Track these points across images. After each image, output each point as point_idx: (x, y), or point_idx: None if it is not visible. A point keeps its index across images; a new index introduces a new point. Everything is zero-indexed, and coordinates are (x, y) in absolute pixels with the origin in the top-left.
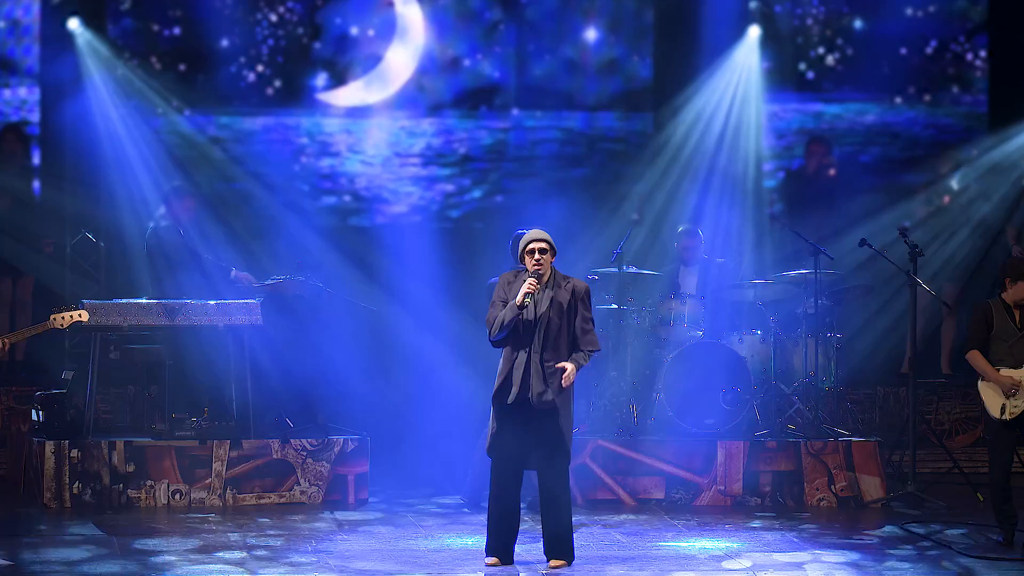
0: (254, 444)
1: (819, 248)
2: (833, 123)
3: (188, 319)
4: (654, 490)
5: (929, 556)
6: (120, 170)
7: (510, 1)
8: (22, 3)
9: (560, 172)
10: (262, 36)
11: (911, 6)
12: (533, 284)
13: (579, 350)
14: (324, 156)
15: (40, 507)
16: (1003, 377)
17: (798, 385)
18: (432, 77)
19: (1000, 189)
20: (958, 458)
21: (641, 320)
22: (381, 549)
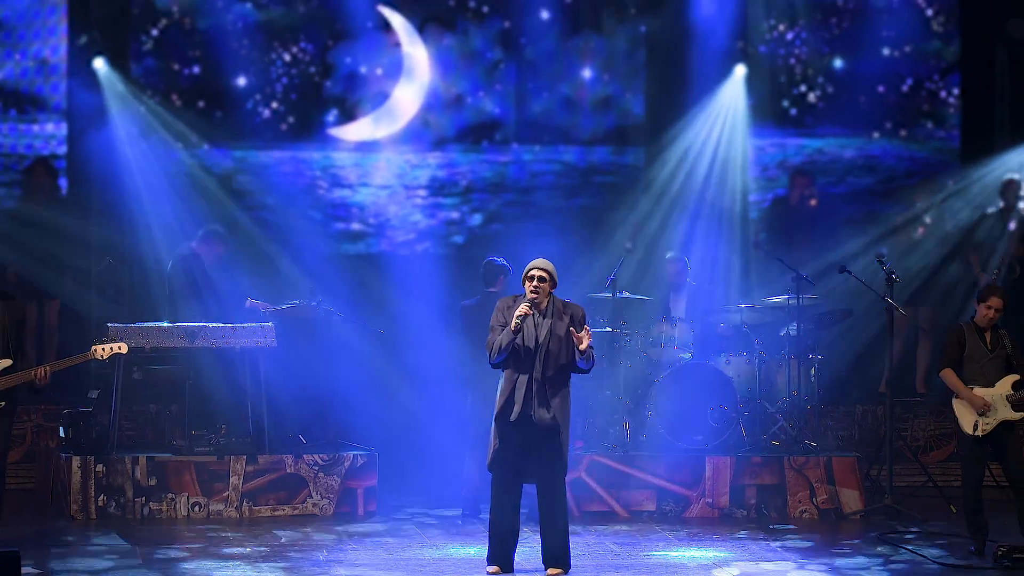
0: (269, 459)
1: (801, 275)
2: (814, 157)
3: (207, 341)
4: (646, 502)
5: (905, 565)
6: (143, 200)
7: (510, 42)
8: (50, 44)
9: (557, 203)
10: (276, 75)
11: (888, 46)
12: (526, 308)
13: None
14: (335, 188)
15: (67, 519)
16: (975, 395)
17: (781, 403)
18: (437, 113)
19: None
20: (932, 472)
21: (634, 342)
22: (388, 558)
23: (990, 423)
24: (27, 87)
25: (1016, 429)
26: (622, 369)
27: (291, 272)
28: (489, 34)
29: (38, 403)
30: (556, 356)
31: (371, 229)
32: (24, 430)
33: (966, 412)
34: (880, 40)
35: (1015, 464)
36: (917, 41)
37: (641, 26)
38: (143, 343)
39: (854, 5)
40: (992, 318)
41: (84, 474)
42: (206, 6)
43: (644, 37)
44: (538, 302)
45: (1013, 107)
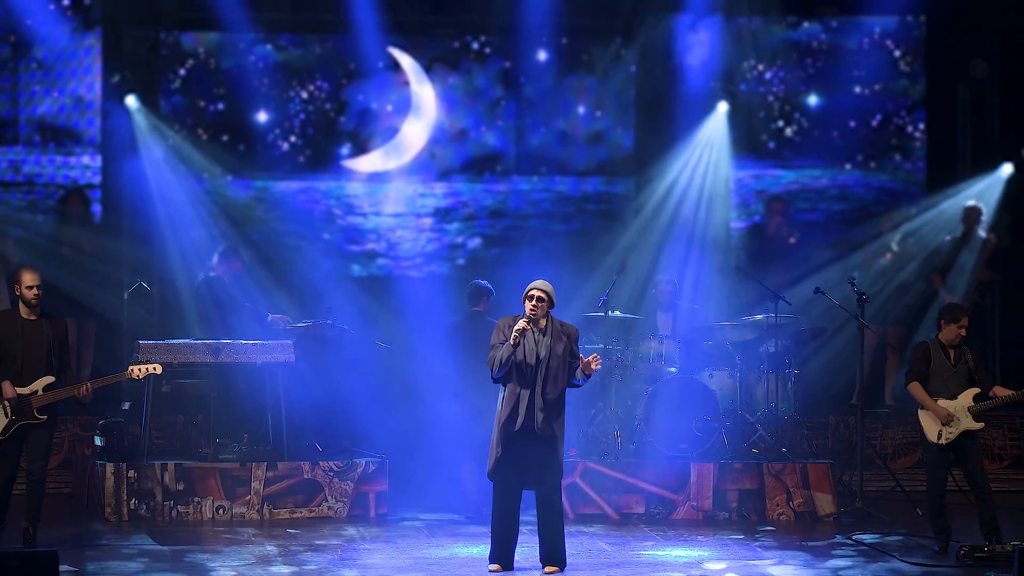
0: (288, 466)
1: (779, 295)
2: (791, 186)
3: (231, 357)
4: (635, 506)
5: (874, 563)
6: (171, 226)
7: (510, 81)
8: (86, 82)
9: (552, 228)
10: (294, 111)
11: (859, 84)
12: (524, 324)
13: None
14: (348, 215)
15: (102, 521)
16: (940, 407)
17: (761, 414)
18: (442, 147)
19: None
20: (900, 478)
21: (624, 358)
22: (398, 557)
23: (953, 432)
24: (64, 122)
25: (977, 438)
26: (613, 382)
27: (308, 292)
28: (491, 74)
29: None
30: (555, 372)
31: (381, 252)
32: (62, 439)
33: (931, 422)
34: (852, 79)
35: (976, 470)
36: (886, 80)
37: (631, 66)
38: (171, 358)
39: (827, 46)
40: (963, 336)
41: (117, 479)
42: (229, 47)
43: (633, 77)
44: (536, 319)
45: (974, 141)
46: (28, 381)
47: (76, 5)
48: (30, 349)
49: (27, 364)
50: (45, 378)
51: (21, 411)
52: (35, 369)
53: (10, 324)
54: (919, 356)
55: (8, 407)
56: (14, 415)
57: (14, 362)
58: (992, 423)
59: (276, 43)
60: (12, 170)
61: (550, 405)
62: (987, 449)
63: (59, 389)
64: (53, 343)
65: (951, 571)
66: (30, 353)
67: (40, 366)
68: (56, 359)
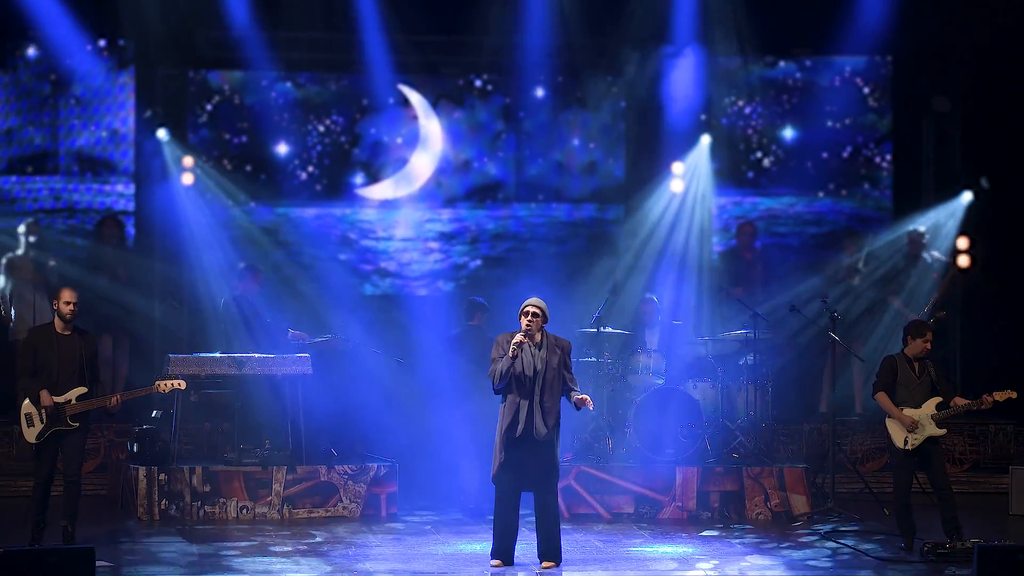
0: (306, 469)
1: (757, 313)
2: (768, 213)
3: (253, 369)
4: (625, 506)
5: (844, 558)
6: (198, 249)
7: (510, 116)
8: (120, 116)
9: (549, 251)
10: (312, 143)
11: (831, 119)
12: (521, 337)
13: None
14: (362, 238)
15: (135, 520)
16: (905, 415)
17: (741, 422)
18: (448, 176)
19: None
20: (869, 480)
21: (615, 370)
22: (407, 553)
23: (918, 438)
24: (100, 153)
25: (939, 444)
26: (605, 393)
27: (324, 309)
28: (493, 109)
29: (110, 423)
30: (551, 383)
31: (392, 273)
32: (98, 445)
33: (897, 429)
34: (824, 114)
35: (938, 473)
36: (855, 115)
37: (621, 102)
38: (199, 371)
39: (802, 84)
40: (928, 350)
41: (149, 482)
42: (252, 85)
43: (623, 112)
44: (531, 333)
45: (937, 170)
46: (63, 391)
47: (111, 46)
48: (64, 361)
49: (62, 375)
50: (78, 388)
51: (56, 418)
52: (69, 380)
53: (46, 337)
54: (886, 369)
55: (44, 414)
56: (49, 421)
57: (50, 373)
58: (953, 430)
59: (295, 81)
60: (53, 197)
61: (547, 413)
62: (949, 454)
63: (91, 399)
64: (85, 356)
65: (916, 566)
66: (64, 365)
67: (74, 377)
68: (88, 371)
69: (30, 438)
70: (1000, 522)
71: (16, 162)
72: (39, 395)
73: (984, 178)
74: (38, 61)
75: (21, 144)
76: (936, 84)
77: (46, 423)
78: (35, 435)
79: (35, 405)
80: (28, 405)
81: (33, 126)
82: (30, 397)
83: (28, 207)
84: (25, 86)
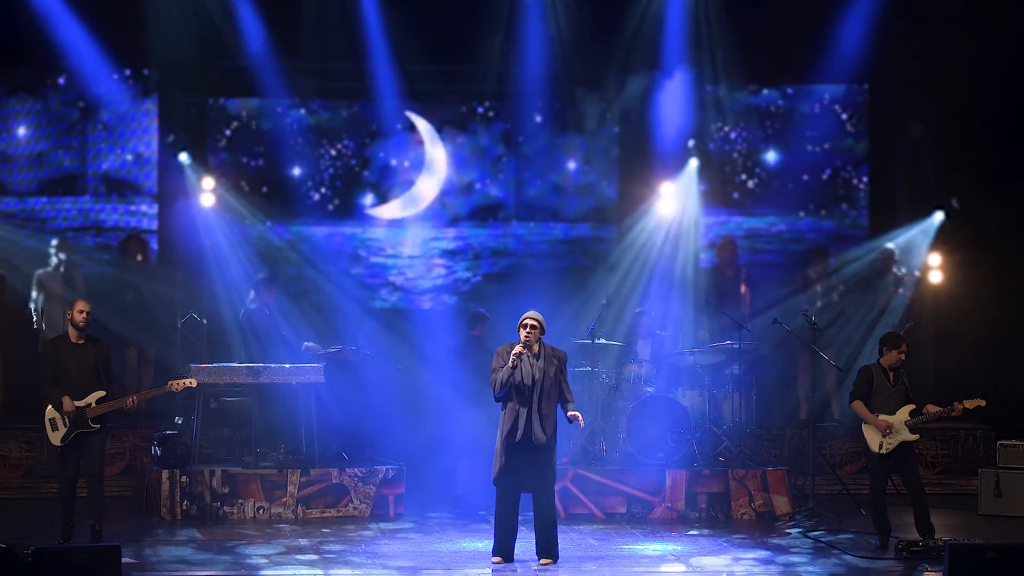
0: (319, 472)
1: (742, 325)
2: (752, 232)
3: (269, 378)
4: (618, 506)
5: (824, 555)
6: (218, 265)
7: (511, 140)
8: (144, 141)
9: (547, 267)
10: (324, 166)
11: (811, 143)
12: (520, 348)
13: (566, 400)
14: (371, 255)
15: (158, 519)
16: (880, 421)
17: (726, 428)
18: (452, 197)
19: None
20: (847, 483)
21: (609, 379)
22: (413, 551)
23: (892, 443)
24: (126, 175)
25: (913, 448)
26: (599, 400)
27: (336, 322)
28: (494, 134)
29: (134, 427)
30: (549, 391)
31: (400, 287)
32: (123, 449)
33: (873, 434)
34: (805, 138)
35: (912, 476)
36: (834, 139)
37: (614, 128)
38: (218, 380)
39: (784, 110)
40: (902, 360)
41: (171, 483)
42: (268, 111)
43: (616, 137)
44: (530, 344)
45: (910, 191)
46: (82, 395)
47: (136, 75)
48: (81, 368)
49: (80, 381)
50: (97, 392)
51: (78, 421)
52: (87, 385)
53: (62, 348)
54: (862, 378)
55: (67, 418)
56: (72, 425)
57: (69, 380)
58: (926, 435)
59: (308, 108)
60: (81, 217)
61: (545, 419)
62: (921, 457)
63: (109, 401)
64: (100, 361)
65: (890, 563)
66: (81, 371)
67: (91, 382)
68: (104, 375)
69: (55, 441)
70: (970, 521)
71: (47, 184)
72: (61, 401)
73: (955, 199)
74: (68, 89)
75: (52, 167)
76: (910, 111)
77: (69, 427)
78: (59, 438)
79: (58, 411)
80: (51, 411)
81: (63, 150)
82: (52, 404)
83: (58, 226)
84: (55, 112)
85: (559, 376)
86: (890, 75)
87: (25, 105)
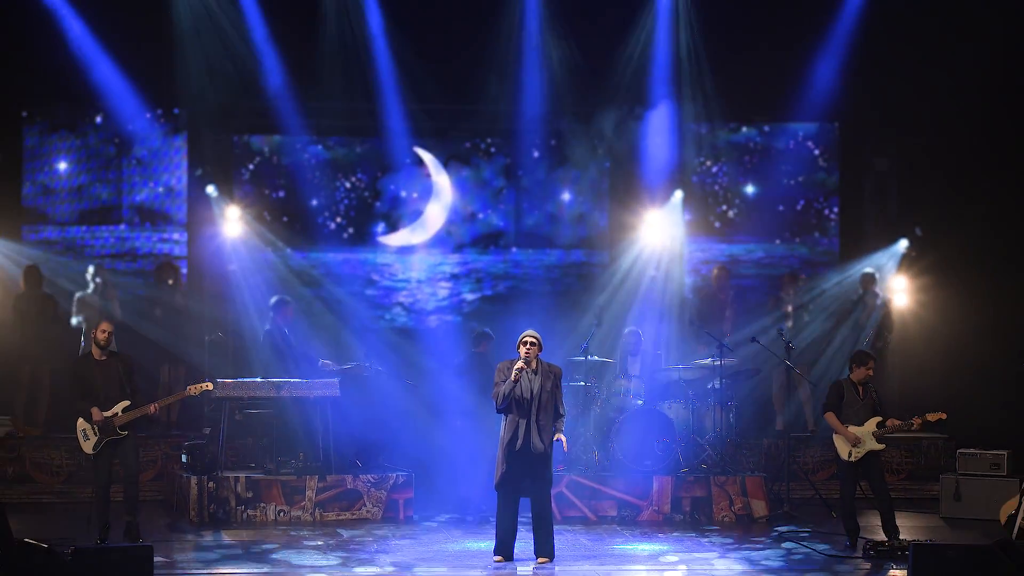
0: (335, 478)
1: (722, 343)
2: (732, 258)
3: (289, 392)
4: (610, 510)
5: (798, 554)
6: (242, 289)
7: (511, 173)
8: (175, 175)
9: (544, 290)
10: (340, 197)
11: (786, 177)
12: (521, 365)
13: (558, 414)
14: (383, 279)
15: (187, 522)
16: (849, 432)
17: (709, 437)
18: (457, 225)
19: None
20: (819, 488)
21: (600, 393)
22: (422, 550)
23: (860, 452)
24: (159, 206)
25: (879, 456)
26: (592, 412)
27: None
28: (495, 168)
29: (165, 437)
30: (546, 404)
31: (409, 308)
32: (156, 457)
33: (843, 444)
34: (781, 172)
35: (878, 482)
36: (807, 173)
37: (605, 162)
38: (242, 393)
39: (761, 147)
40: (870, 376)
41: (199, 489)
42: (288, 147)
43: (607, 171)
44: (529, 360)
45: (877, 221)
46: (109, 406)
47: (167, 114)
48: (106, 382)
49: (106, 394)
50: (122, 402)
51: (106, 429)
52: (113, 397)
53: (88, 365)
54: (834, 392)
55: (97, 428)
56: (102, 433)
57: (96, 394)
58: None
59: (325, 144)
60: (117, 244)
61: (543, 430)
62: (887, 465)
63: (134, 410)
64: (123, 374)
65: (859, 562)
66: (107, 385)
67: (116, 394)
68: (128, 386)
69: (87, 450)
70: (932, 523)
71: (86, 214)
72: (90, 412)
73: (917, 227)
74: (105, 127)
75: (90, 199)
76: (876, 147)
77: (99, 435)
78: (91, 447)
79: (88, 421)
80: (82, 423)
81: (100, 183)
82: (83, 416)
83: (96, 253)
84: (93, 149)
85: (555, 390)
86: (858, 114)
87: (66, 142)
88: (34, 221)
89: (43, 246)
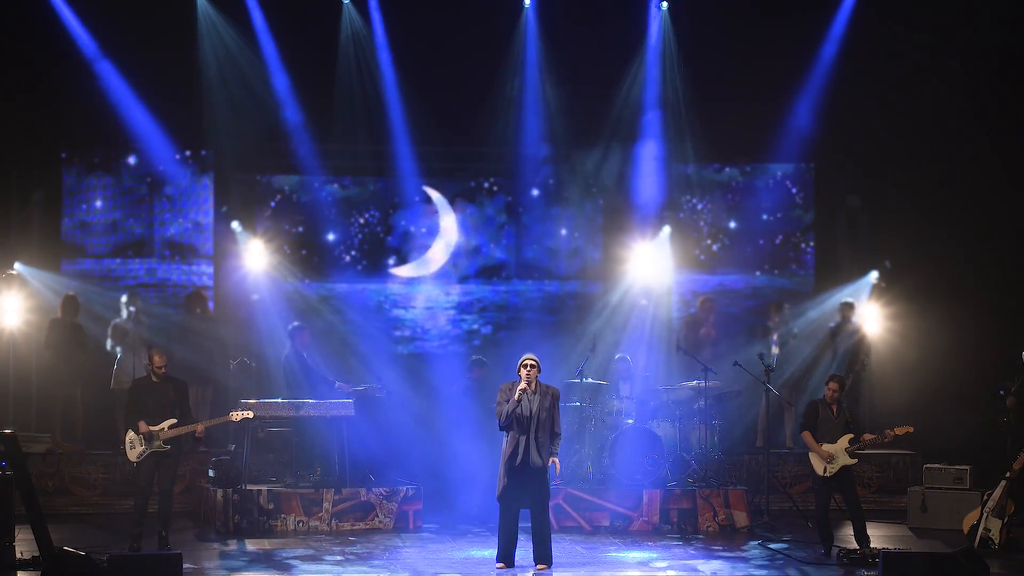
0: (350, 491)
1: (707, 367)
2: (716, 288)
3: (307, 412)
4: (603, 520)
5: (777, 562)
6: (264, 317)
7: (512, 211)
8: (202, 211)
9: (542, 319)
10: (354, 232)
11: (766, 213)
12: (525, 386)
13: (556, 435)
14: (393, 308)
15: (214, 531)
16: (823, 450)
17: (694, 454)
18: (461, 259)
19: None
20: (796, 500)
21: (595, 413)
22: (430, 557)
23: (834, 467)
24: (187, 240)
25: (852, 471)
26: (587, 431)
27: (363, 365)
28: (497, 205)
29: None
30: (544, 422)
31: (417, 336)
32: (184, 472)
33: (818, 460)
34: (761, 209)
35: (851, 494)
36: (785, 209)
37: (599, 200)
38: (265, 413)
39: (744, 186)
40: (836, 396)
41: (225, 501)
42: (306, 186)
43: (601, 208)
44: (530, 381)
45: (850, 254)
46: (157, 422)
47: (195, 156)
48: (157, 403)
49: (156, 411)
50: (169, 420)
51: (151, 441)
52: (162, 415)
53: (146, 386)
54: (810, 411)
55: (143, 439)
56: (147, 444)
57: (147, 411)
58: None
59: (340, 183)
60: (149, 275)
61: (541, 447)
62: (860, 478)
63: (179, 427)
64: (175, 397)
65: (833, 569)
66: (157, 405)
67: (165, 412)
68: (178, 408)
69: (132, 457)
70: (900, 533)
71: (120, 247)
72: (138, 424)
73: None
74: (137, 167)
75: (124, 232)
76: (849, 186)
77: (144, 446)
78: (135, 455)
79: (136, 432)
80: (131, 434)
81: (133, 218)
82: (131, 428)
83: (129, 283)
84: (127, 186)
85: (552, 410)
86: (832, 156)
87: (101, 180)
88: (72, 254)
89: (80, 277)
